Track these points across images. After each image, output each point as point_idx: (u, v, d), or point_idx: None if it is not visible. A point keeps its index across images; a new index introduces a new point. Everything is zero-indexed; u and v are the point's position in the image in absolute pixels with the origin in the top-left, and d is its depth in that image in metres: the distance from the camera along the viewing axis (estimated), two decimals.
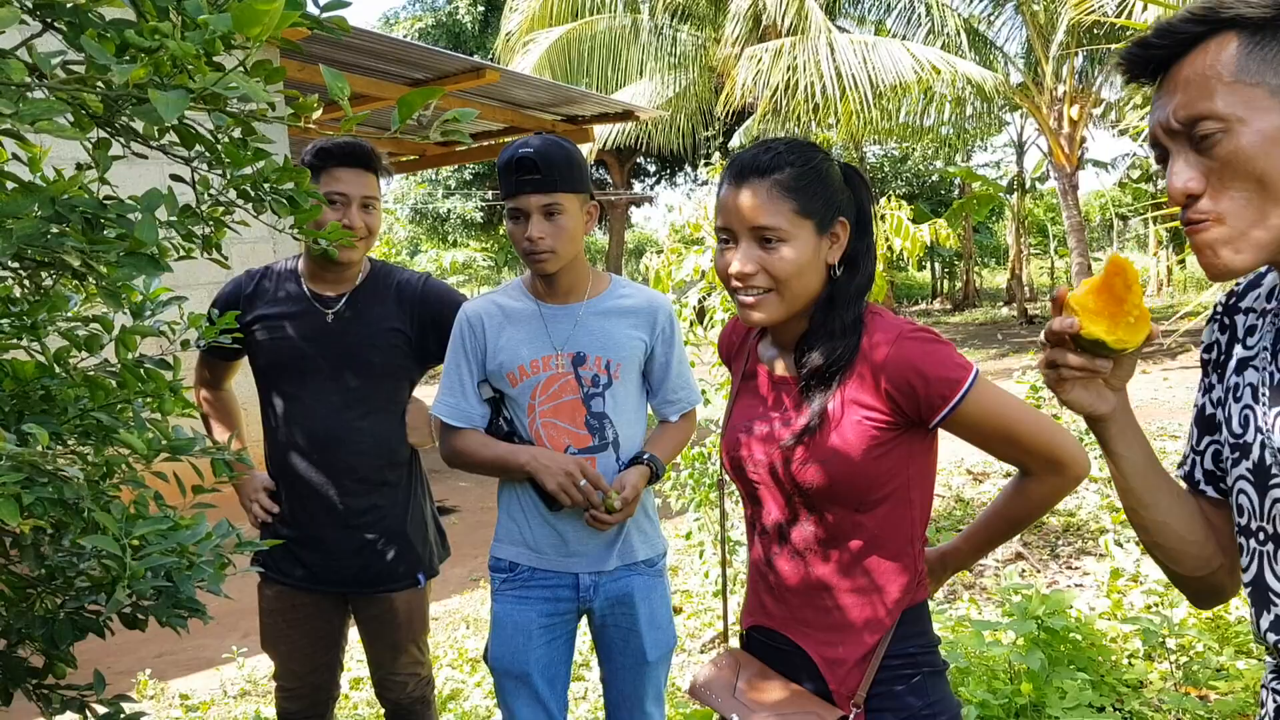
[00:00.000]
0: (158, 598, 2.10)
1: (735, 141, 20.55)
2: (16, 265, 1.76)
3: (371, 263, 2.82)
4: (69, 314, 2.07)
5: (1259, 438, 1.20)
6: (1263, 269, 1.30)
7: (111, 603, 1.95)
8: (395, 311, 2.74)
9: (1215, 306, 1.37)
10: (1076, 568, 5.25)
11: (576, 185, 2.37)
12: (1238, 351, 1.29)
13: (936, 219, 8.62)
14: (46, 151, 1.92)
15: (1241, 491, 1.24)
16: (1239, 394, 1.26)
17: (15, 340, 2.03)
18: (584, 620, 2.56)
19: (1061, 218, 19.16)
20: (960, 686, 3.40)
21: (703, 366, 5.18)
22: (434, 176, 28.18)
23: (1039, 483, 1.73)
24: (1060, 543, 5.63)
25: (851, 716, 1.69)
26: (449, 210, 28.44)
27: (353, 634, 2.92)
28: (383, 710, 2.95)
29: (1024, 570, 5.23)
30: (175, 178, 1.92)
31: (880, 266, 5.09)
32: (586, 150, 18.83)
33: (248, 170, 1.97)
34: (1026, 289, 24.64)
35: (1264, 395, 1.21)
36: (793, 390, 1.76)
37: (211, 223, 2.01)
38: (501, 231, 30.81)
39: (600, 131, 17.93)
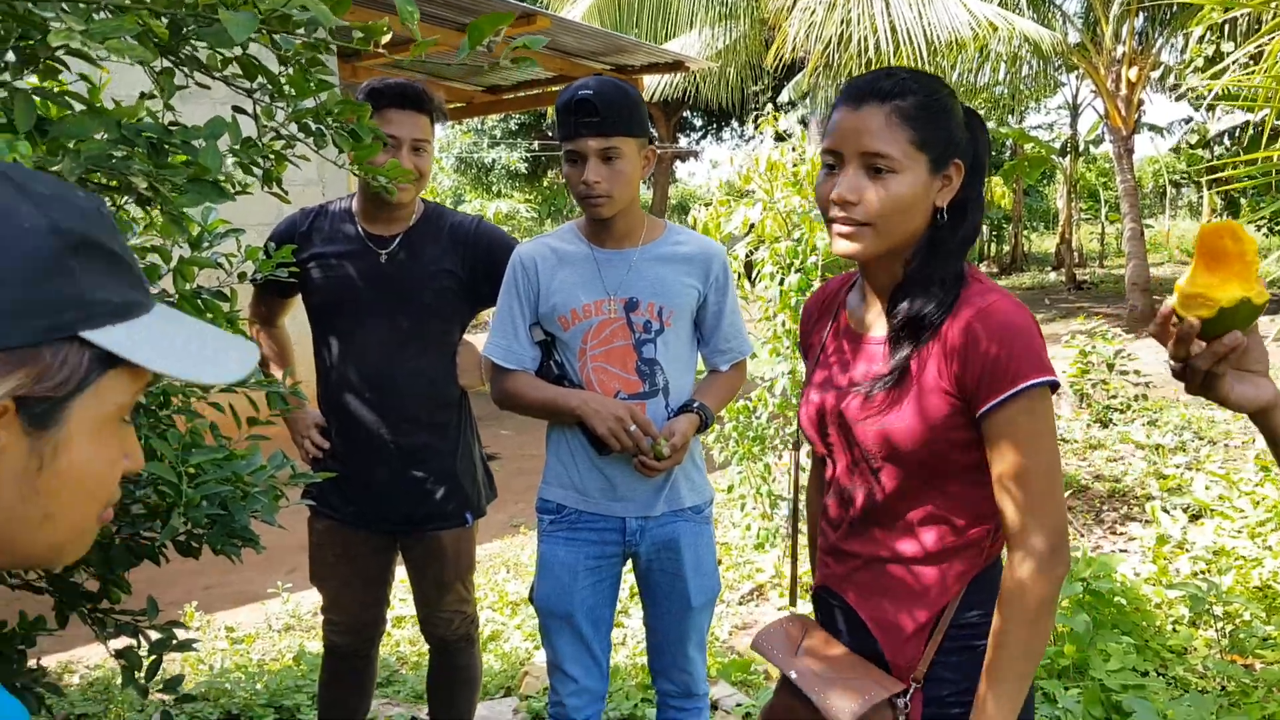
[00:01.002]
0: (212, 526, 2.12)
1: (784, 96, 20.31)
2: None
3: (425, 204, 2.81)
4: (129, 243, 2.08)
5: None
6: None
7: (167, 529, 1.98)
8: (448, 253, 2.74)
9: None
10: (1121, 533, 5.20)
11: (635, 129, 2.35)
12: None
13: (989, 179, 8.50)
14: (108, 80, 1.92)
15: None
16: None
17: None
18: (628, 564, 2.57)
19: (1114, 182, 18.83)
20: None
21: (749, 322, 5.16)
22: (479, 126, 28.12)
23: (1014, 565, 1.54)
24: (1105, 508, 5.58)
25: (910, 691, 1.64)
26: (494, 160, 28.40)
27: (399, 572, 2.95)
28: (428, 646, 2.99)
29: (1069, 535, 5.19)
30: (237, 109, 1.91)
31: None
32: None
33: (310, 103, 1.96)
34: (1075, 254, 24.29)
35: None
36: (878, 346, 1.68)
37: (272, 156, 2.00)
38: (546, 183, 30.76)
39: (648, 83, 17.77)
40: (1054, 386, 1.55)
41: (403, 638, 4.33)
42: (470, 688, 2.98)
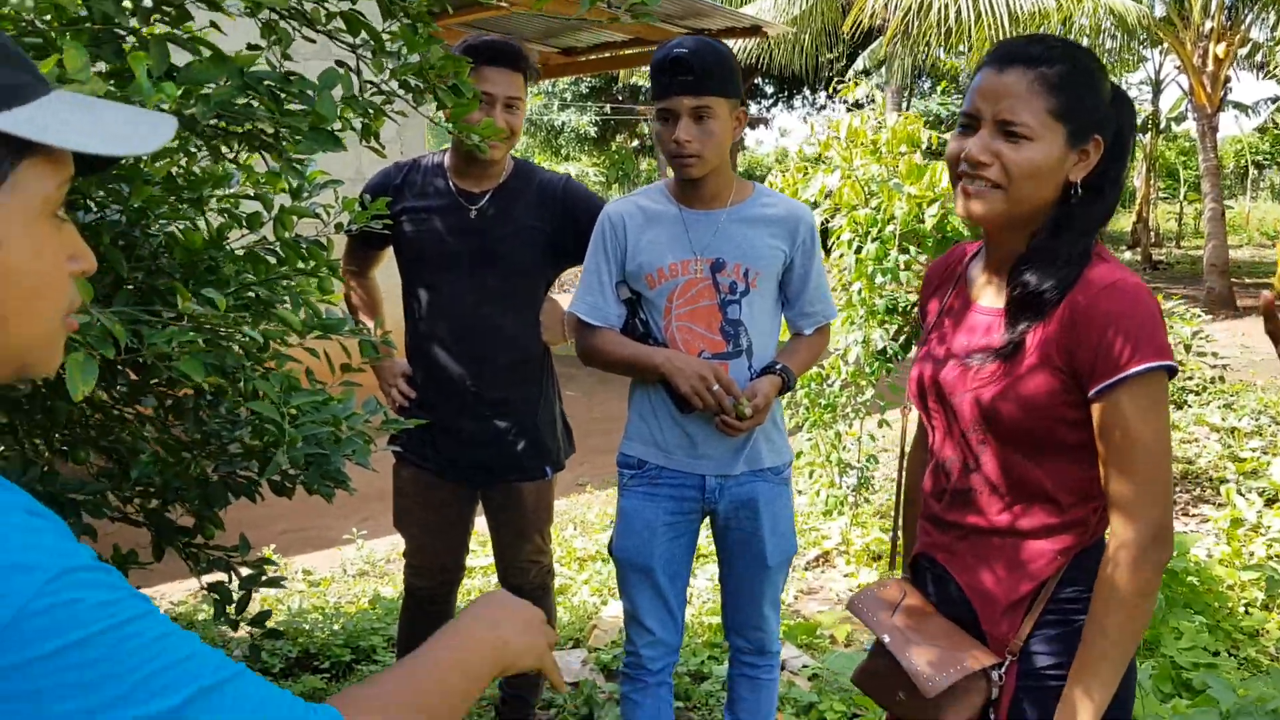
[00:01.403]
0: (308, 467, 2.20)
1: (859, 65, 20.06)
2: (200, 135, 1.83)
3: (515, 162, 2.85)
4: (231, 191, 2.14)
5: None
6: None
7: (271, 466, 2.05)
8: (536, 210, 2.78)
9: None
10: (1194, 515, 5.15)
11: (728, 89, 2.36)
12: None
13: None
14: (210, 29, 1.97)
15: None
16: None
17: (182, 211, 2.11)
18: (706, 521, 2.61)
19: (1195, 161, 18.38)
20: None
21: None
22: (550, 88, 28.14)
23: (1114, 551, 1.54)
24: (1178, 490, 5.52)
25: (1006, 664, 1.64)
26: (563, 123, 28.43)
27: (480, 523, 3.02)
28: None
29: None
30: (340, 63, 1.96)
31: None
32: None
33: (414, 59, 2.00)
34: (1152, 234, 23.79)
35: None
36: (985, 317, 1.68)
37: (371, 110, 2.05)
38: (614, 147, 30.74)
39: None
40: (1171, 371, 1.52)
41: (473, 587, 4.43)
42: None
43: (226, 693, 0.79)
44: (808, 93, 28.70)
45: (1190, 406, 6.75)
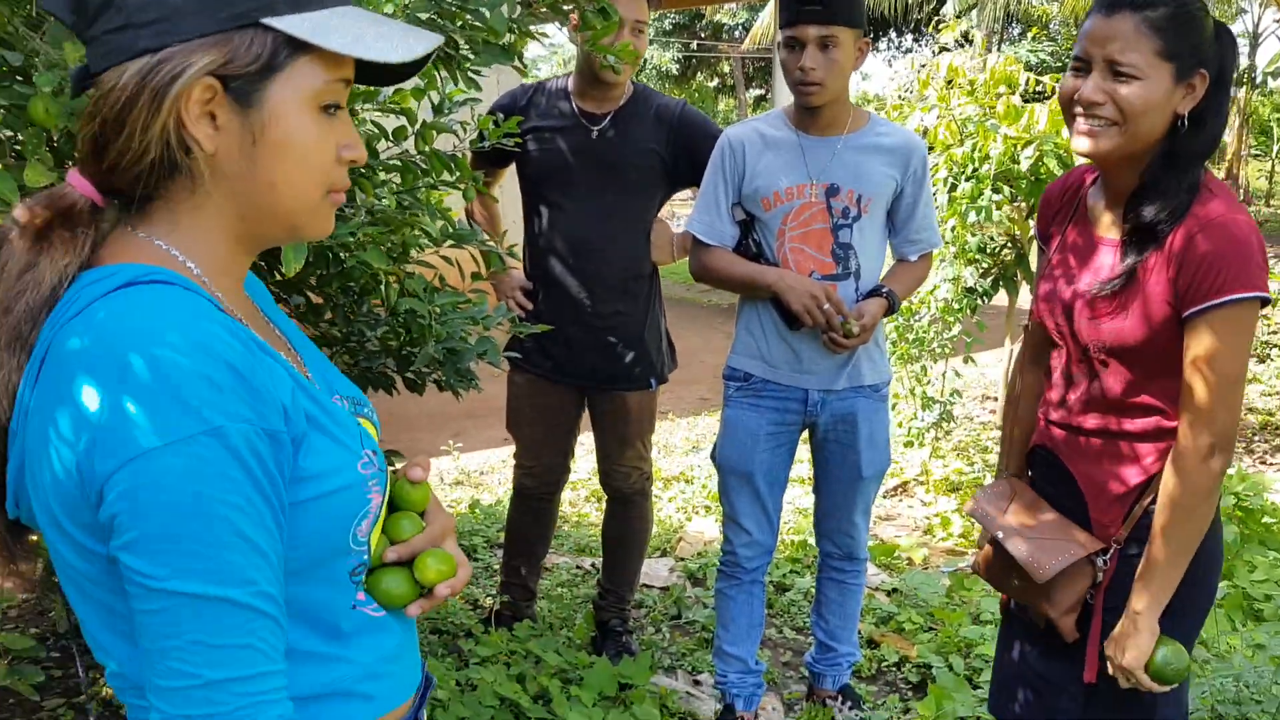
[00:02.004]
0: (441, 366, 2.39)
1: (948, 9, 19.72)
2: None
3: (634, 85, 2.99)
4: (381, 103, 2.31)
5: None
6: None
7: (423, 354, 2.25)
8: (653, 133, 2.92)
9: None
10: (1272, 464, 5.20)
11: (855, 20, 2.46)
12: None
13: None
14: None
15: None
16: None
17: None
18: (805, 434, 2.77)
19: None
20: None
21: None
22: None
23: (1175, 457, 1.69)
24: (1256, 439, 5.57)
25: (1110, 551, 1.80)
26: (645, 61, 28.29)
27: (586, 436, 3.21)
28: (605, 497, 3.26)
29: (1250, 463, 5.20)
30: None
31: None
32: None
33: None
34: (1242, 191, 23.19)
35: None
36: (1108, 249, 1.79)
37: (520, 32, 2.19)
38: (694, 85, 30.53)
39: None
40: (1265, 302, 1.64)
41: (565, 499, 4.65)
42: (643, 536, 3.25)
43: None
44: (894, 35, 28.24)
45: (1274, 360, 6.73)
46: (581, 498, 4.78)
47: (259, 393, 0.88)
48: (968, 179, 4.53)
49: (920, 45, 28.09)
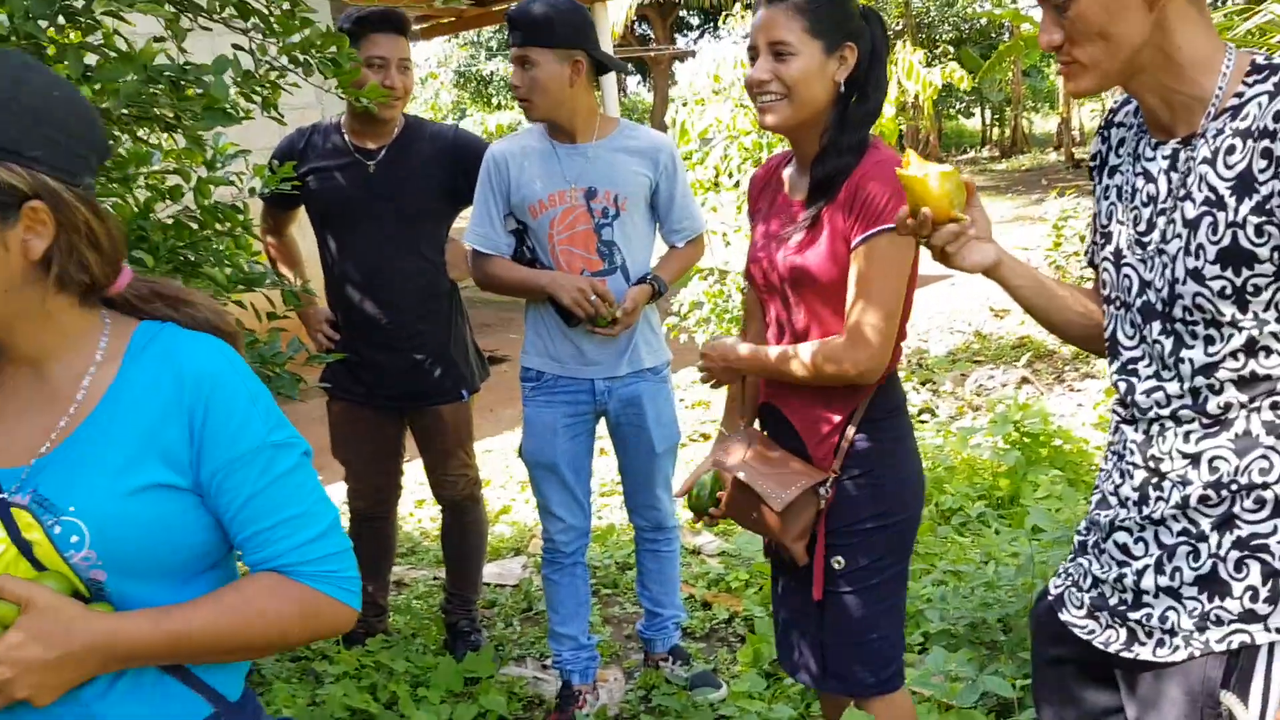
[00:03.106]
0: None
1: None
2: (115, 124, 2.15)
3: (406, 118, 3.17)
4: (153, 168, 2.46)
5: (1119, 229, 1.55)
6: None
7: None
8: (430, 160, 3.11)
9: (1100, 123, 1.70)
10: (1081, 390, 5.61)
11: (550, 41, 2.68)
12: (1111, 159, 1.62)
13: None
14: (115, 28, 2.25)
15: (1105, 270, 1.59)
16: (1107, 193, 1.61)
17: (112, 189, 2.43)
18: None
19: None
20: (946, 484, 3.82)
21: (726, 210, 5.52)
22: (476, 38, 28.05)
23: (829, 342, 2.01)
24: (1067, 369, 5.99)
25: (829, 480, 2.07)
26: (492, 73, 28.38)
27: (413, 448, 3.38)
28: (439, 507, 3.44)
29: (1030, 393, 5.60)
30: (236, 47, 2.27)
31: (891, 111, 5.33)
32: (626, 5, 18.64)
33: (296, 38, 2.32)
34: (1075, 134, 24.28)
35: (1125, 193, 1.55)
36: (800, 205, 2.08)
37: (268, 86, 2.37)
38: None
39: None
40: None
41: (424, 515, 4.81)
42: (479, 539, 3.44)
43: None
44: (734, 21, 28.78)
45: None
46: (439, 512, 4.92)
47: None
48: (755, 165, 4.81)
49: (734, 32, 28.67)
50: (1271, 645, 1.40)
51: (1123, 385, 1.53)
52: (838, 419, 2.07)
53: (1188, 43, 1.41)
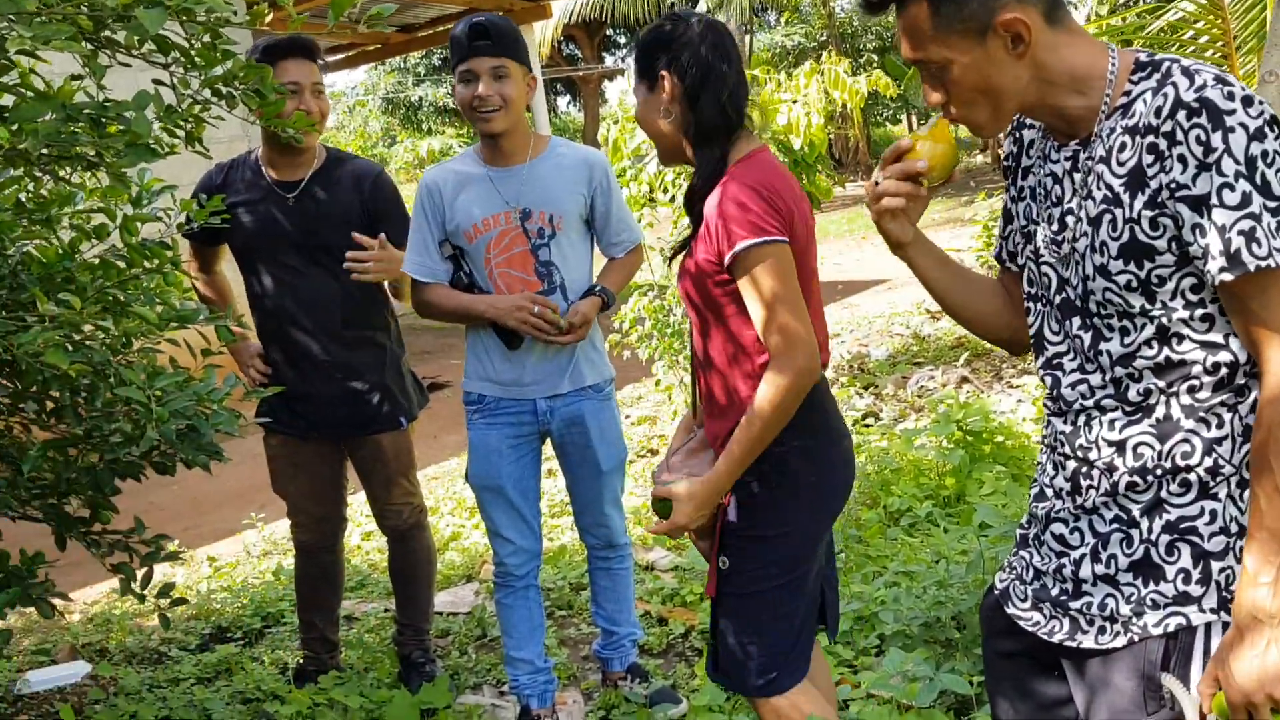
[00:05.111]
0: (182, 443, 2.49)
1: (701, 6, 20.40)
2: (35, 164, 2.10)
3: (326, 150, 3.14)
4: (77, 208, 2.41)
5: (1036, 228, 1.59)
6: None
7: (145, 440, 2.36)
8: (350, 196, 3.07)
9: (1011, 125, 1.73)
10: (1019, 386, 5.69)
11: (520, 56, 2.73)
12: (1024, 160, 1.66)
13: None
14: (32, 67, 2.22)
15: (1028, 268, 1.63)
16: (1023, 194, 1.64)
17: (35, 231, 2.38)
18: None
19: None
20: (893, 486, 3.85)
21: (662, 226, 5.54)
22: (403, 65, 27.94)
23: (767, 375, 1.99)
24: (1005, 366, 6.08)
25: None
26: (420, 98, 28.28)
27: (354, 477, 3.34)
28: (385, 538, 3.40)
29: (970, 392, 5.68)
30: (158, 82, 2.24)
31: (819, 120, 5.38)
32: (550, 25, 18.71)
33: (218, 71, 2.29)
34: (1000, 136, 24.69)
35: (1039, 194, 1.58)
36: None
37: (191, 119, 2.33)
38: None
39: (565, 5, 17.79)
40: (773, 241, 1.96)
41: (371, 547, 4.75)
42: (428, 567, 3.40)
43: None
44: None
45: None
46: (386, 543, 4.87)
47: None
48: (689, 180, 4.83)
49: None
50: (1208, 625, 1.44)
51: (1049, 379, 1.58)
52: (734, 418, 2.09)
53: (1064, 65, 1.46)
